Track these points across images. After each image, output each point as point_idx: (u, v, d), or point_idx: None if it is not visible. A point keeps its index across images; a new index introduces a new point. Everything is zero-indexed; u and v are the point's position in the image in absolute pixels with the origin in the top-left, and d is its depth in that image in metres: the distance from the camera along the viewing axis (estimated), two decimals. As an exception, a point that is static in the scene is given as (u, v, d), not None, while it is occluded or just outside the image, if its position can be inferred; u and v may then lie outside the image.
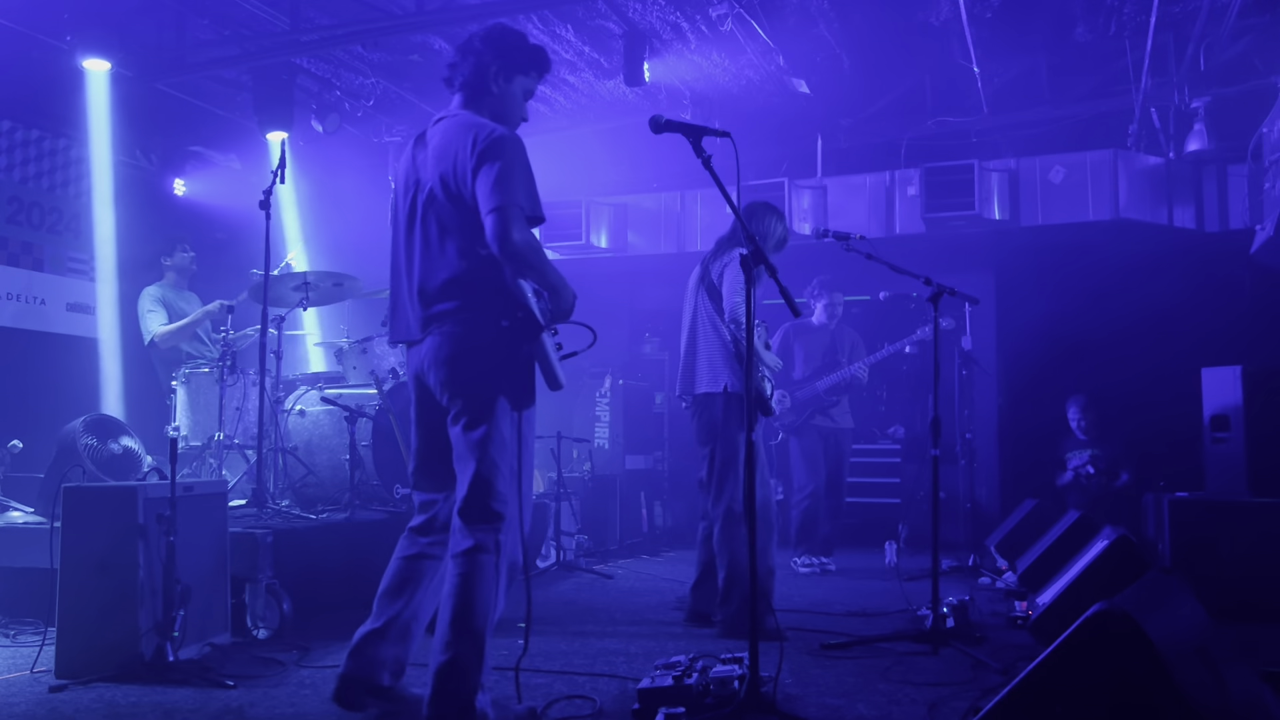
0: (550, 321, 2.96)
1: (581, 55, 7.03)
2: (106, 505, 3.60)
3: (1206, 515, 4.84)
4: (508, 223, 2.75)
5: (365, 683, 2.93)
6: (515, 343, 2.86)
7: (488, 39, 3.02)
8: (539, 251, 2.84)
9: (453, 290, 2.88)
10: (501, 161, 2.80)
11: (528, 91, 3.09)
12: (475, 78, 3.02)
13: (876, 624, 4.55)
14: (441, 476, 3.01)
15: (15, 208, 6.40)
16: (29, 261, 6.49)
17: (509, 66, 3.02)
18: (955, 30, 6.56)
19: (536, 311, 2.85)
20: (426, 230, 2.93)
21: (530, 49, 3.07)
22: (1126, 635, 1.92)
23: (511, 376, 2.87)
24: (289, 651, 3.91)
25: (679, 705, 2.89)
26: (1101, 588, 3.71)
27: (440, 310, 2.89)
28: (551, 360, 2.88)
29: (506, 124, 3.00)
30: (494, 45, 3.02)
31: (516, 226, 2.76)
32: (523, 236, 2.77)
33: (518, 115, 3.08)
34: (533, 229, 2.86)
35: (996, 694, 2.15)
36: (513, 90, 3.04)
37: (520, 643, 4.15)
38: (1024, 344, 7.89)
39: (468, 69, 3.03)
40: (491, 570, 2.82)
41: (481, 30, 3.05)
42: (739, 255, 4.46)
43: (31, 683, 3.47)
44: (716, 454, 4.51)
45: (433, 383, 2.93)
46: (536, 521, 6.54)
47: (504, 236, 2.75)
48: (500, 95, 3.03)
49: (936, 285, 4.30)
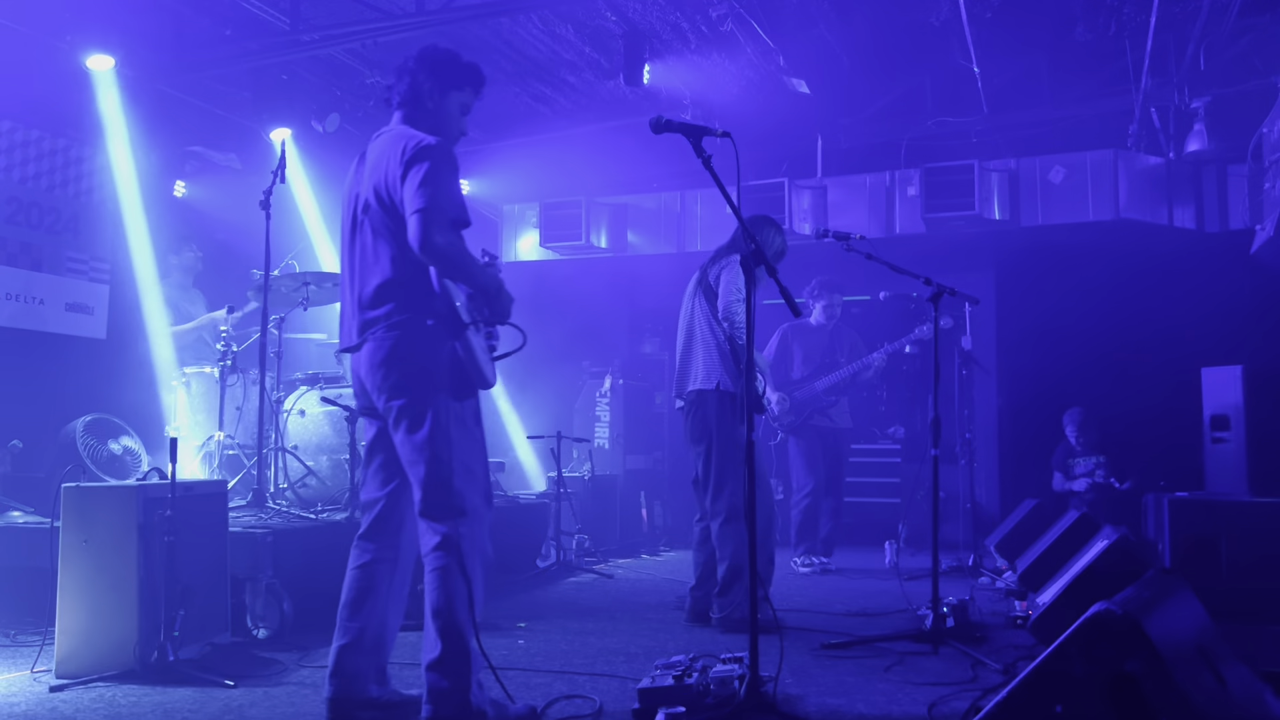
0: (488, 322, 3.07)
1: (581, 55, 7.03)
2: (106, 505, 3.60)
3: (1206, 515, 4.84)
4: (429, 225, 2.83)
5: (354, 700, 2.97)
6: (439, 340, 2.93)
7: (421, 59, 3.15)
8: (463, 253, 2.91)
9: (385, 295, 2.97)
10: (426, 166, 2.89)
11: (464, 106, 3.20)
12: (411, 95, 3.15)
13: (876, 624, 4.55)
14: (381, 478, 3.09)
15: (14, 208, 6.39)
16: (28, 261, 6.48)
17: (443, 83, 3.14)
18: (955, 30, 6.56)
19: (461, 309, 2.93)
20: (363, 240, 3.04)
21: (463, 66, 3.18)
22: (1126, 635, 1.92)
23: (442, 373, 2.93)
24: (289, 651, 3.92)
25: (679, 705, 2.89)
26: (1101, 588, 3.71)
27: (374, 315, 2.98)
28: (477, 358, 2.94)
29: (445, 137, 3.10)
30: (427, 64, 3.14)
31: (438, 229, 2.83)
32: (445, 238, 2.84)
33: (455, 129, 3.20)
34: (459, 232, 2.92)
35: (997, 694, 2.15)
36: (448, 106, 3.16)
37: (521, 642, 4.16)
38: (1024, 344, 7.90)
39: (404, 88, 3.15)
40: (458, 565, 2.87)
41: (415, 51, 3.18)
42: (738, 256, 4.49)
43: (31, 683, 3.47)
44: (712, 452, 4.51)
45: (370, 387, 3.02)
46: (537, 521, 6.55)
47: (425, 238, 2.83)
48: (435, 111, 3.15)
49: (936, 285, 4.30)
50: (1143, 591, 2.26)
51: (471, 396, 2.99)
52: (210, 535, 3.94)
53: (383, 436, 3.08)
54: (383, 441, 3.08)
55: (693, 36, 6.69)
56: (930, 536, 4.17)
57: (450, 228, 2.87)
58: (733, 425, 4.45)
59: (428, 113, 3.13)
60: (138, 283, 6.73)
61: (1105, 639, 1.95)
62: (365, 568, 3.06)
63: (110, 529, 3.57)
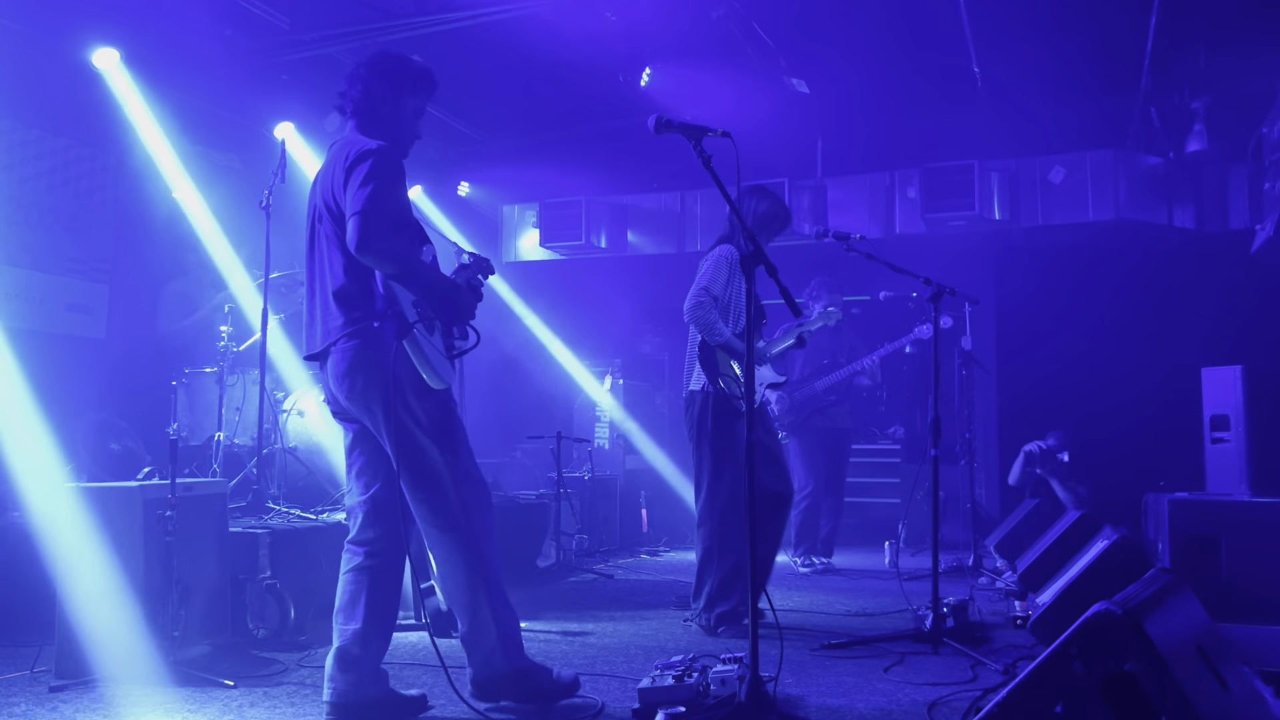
0: (444, 321, 3.08)
1: (582, 55, 7.02)
2: (107, 505, 3.60)
3: (1206, 515, 4.83)
4: (366, 227, 2.85)
5: (352, 703, 2.98)
6: (387, 341, 2.93)
7: (371, 64, 3.16)
8: (401, 254, 2.94)
9: (341, 303, 3.00)
10: (365, 169, 2.91)
11: (417, 110, 3.21)
12: (364, 103, 3.16)
13: (876, 624, 4.55)
14: (363, 482, 3.12)
15: (14, 208, 6.39)
16: (28, 261, 6.48)
17: (395, 89, 3.15)
18: (956, 30, 6.55)
19: (406, 309, 2.92)
20: (319, 250, 3.08)
21: (415, 70, 3.18)
22: (1126, 635, 1.92)
23: (397, 375, 2.94)
24: (289, 651, 3.92)
25: (679, 705, 2.89)
26: (1101, 588, 3.70)
27: (333, 325, 3.02)
28: (427, 358, 2.94)
29: (399, 143, 3.14)
30: (377, 70, 3.15)
31: (376, 232, 2.85)
32: (383, 241, 2.87)
33: (410, 133, 3.21)
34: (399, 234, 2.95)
35: (997, 694, 2.15)
36: (402, 110, 3.17)
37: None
38: (1024, 344, 7.90)
39: (356, 95, 3.16)
40: (455, 552, 3.01)
41: (366, 58, 3.19)
42: (727, 251, 4.43)
43: (31, 682, 3.47)
44: (702, 454, 4.44)
45: (340, 397, 3.05)
46: (537, 521, 6.55)
47: (362, 240, 2.85)
48: (389, 117, 3.16)
49: (936, 285, 4.30)
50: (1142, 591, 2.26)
51: (429, 395, 2.99)
52: (210, 535, 3.94)
53: (360, 440, 3.12)
54: (361, 445, 3.12)
55: (693, 37, 6.69)
56: (930, 536, 4.17)
57: (389, 230, 2.89)
58: (719, 426, 4.35)
59: (380, 119, 3.14)
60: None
61: (1105, 639, 1.95)
62: (355, 571, 3.08)
63: (111, 529, 3.57)
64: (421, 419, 2.98)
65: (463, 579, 3.03)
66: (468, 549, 3.01)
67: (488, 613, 3.02)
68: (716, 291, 4.35)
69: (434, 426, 3.00)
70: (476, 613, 3.03)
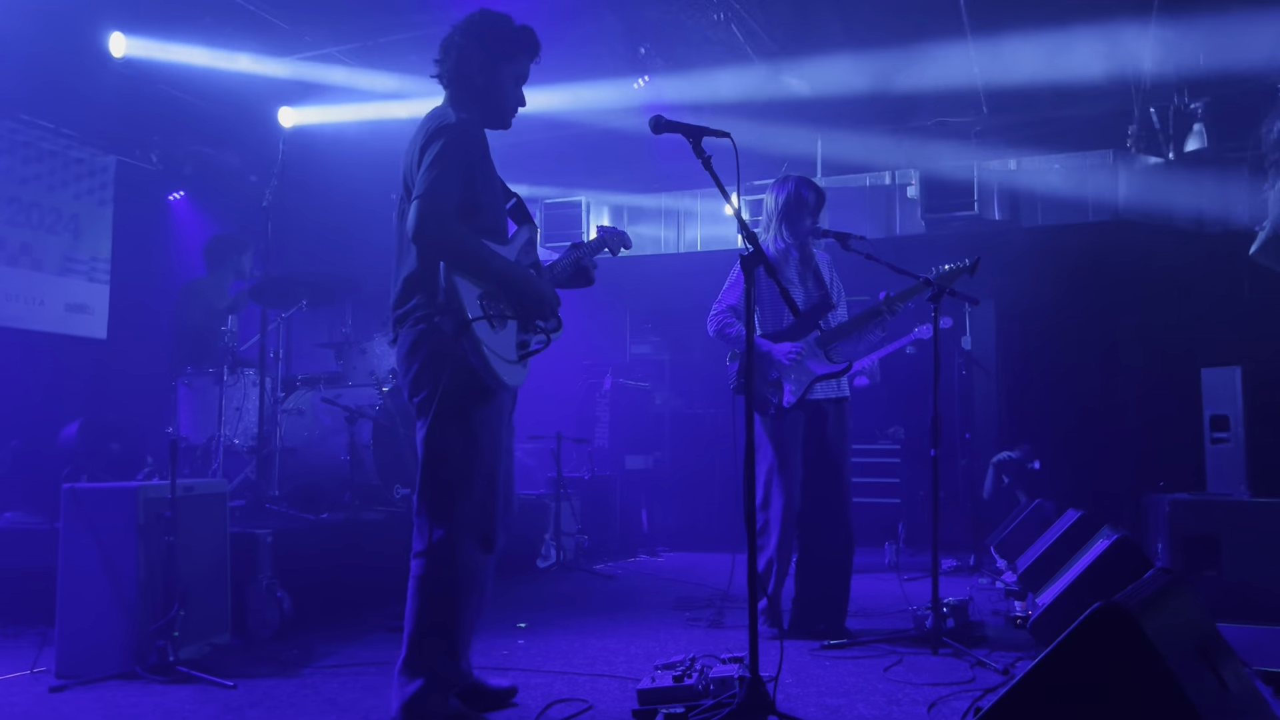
0: (521, 316, 2.90)
1: (581, 54, 7.02)
2: (106, 505, 3.60)
3: (1206, 515, 4.84)
4: (423, 214, 2.69)
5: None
6: (445, 339, 2.76)
7: (466, 30, 2.96)
8: (459, 245, 2.74)
9: (410, 289, 2.86)
10: (437, 148, 2.74)
11: (518, 76, 3.01)
12: (457, 72, 2.97)
13: (876, 624, 4.55)
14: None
15: (15, 208, 6.40)
16: (28, 261, 6.48)
17: (492, 54, 2.95)
18: (956, 30, 6.55)
19: (469, 303, 2.73)
20: (400, 229, 2.92)
21: (512, 35, 2.97)
22: (1126, 635, 1.92)
23: (447, 375, 2.77)
24: (289, 651, 3.91)
25: (679, 705, 2.89)
26: (1101, 588, 3.71)
27: (401, 312, 2.90)
28: (486, 357, 2.73)
29: (498, 114, 2.97)
30: (472, 36, 2.95)
31: (433, 218, 2.69)
32: (438, 228, 2.70)
33: (510, 103, 3.01)
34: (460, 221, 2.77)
35: (996, 694, 2.15)
36: (499, 78, 2.97)
37: (521, 642, 4.16)
38: (1024, 344, 7.89)
39: (450, 64, 2.98)
40: (433, 573, 2.81)
41: (461, 21, 2.97)
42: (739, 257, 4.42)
43: (31, 683, 3.47)
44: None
45: (400, 378, 2.95)
46: (537, 521, 6.54)
47: (418, 228, 2.70)
48: (485, 87, 2.97)
49: (937, 285, 4.29)
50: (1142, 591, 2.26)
51: (479, 399, 2.81)
52: (210, 535, 3.94)
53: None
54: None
55: (693, 36, 6.69)
56: (930, 536, 4.17)
57: (447, 219, 2.72)
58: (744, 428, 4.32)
59: (477, 90, 2.95)
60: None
61: (1105, 639, 1.95)
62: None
63: (110, 529, 3.57)
64: (454, 425, 2.78)
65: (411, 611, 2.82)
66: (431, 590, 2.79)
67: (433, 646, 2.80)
68: (731, 301, 4.38)
69: (464, 440, 2.79)
70: (406, 656, 2.81)
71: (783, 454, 4.26)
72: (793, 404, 4.24)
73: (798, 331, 4.33)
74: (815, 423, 4.35)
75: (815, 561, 4.33)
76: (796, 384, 4.27)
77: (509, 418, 3.05)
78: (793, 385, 4.25)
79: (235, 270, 6.18)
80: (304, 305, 5.78)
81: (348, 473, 5.29)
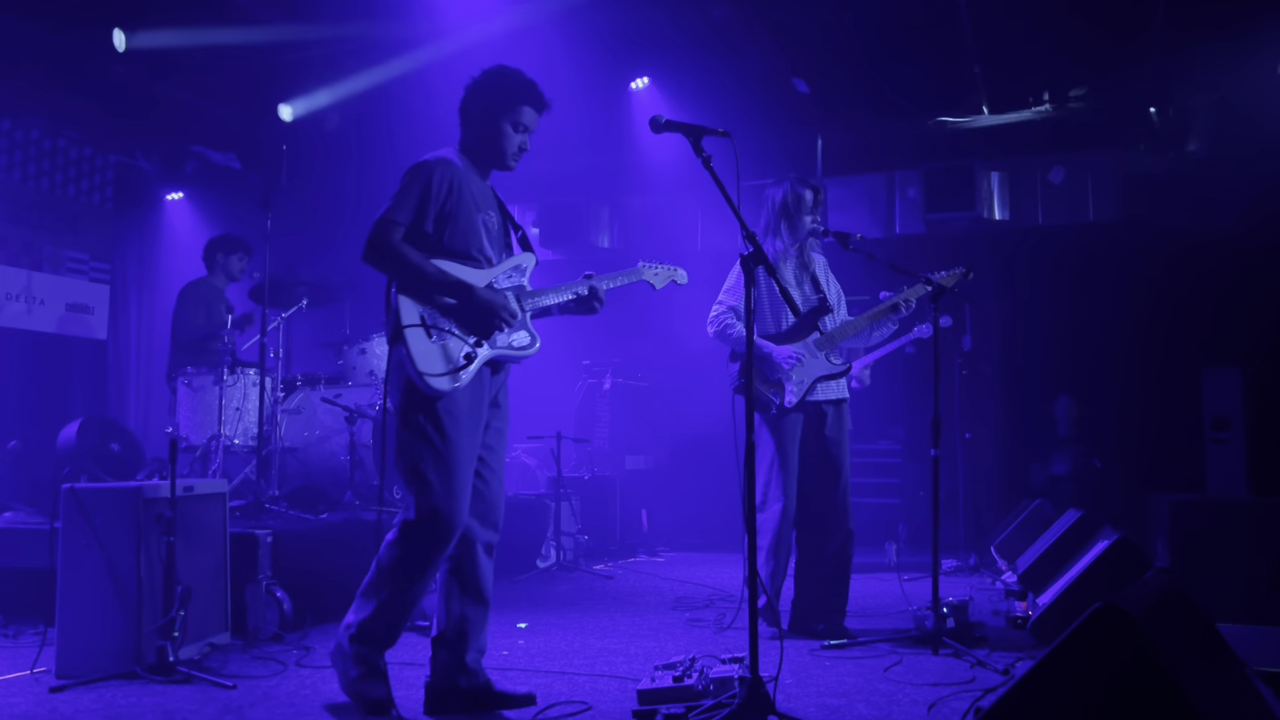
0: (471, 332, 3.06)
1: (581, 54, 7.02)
2: (106, 505, 3.60)
3: (1206, 515, 4.84)
4: (369, 235, 2.97)
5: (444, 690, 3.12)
6: (389, 346, 3.05)
7: (473, 82, 3.21)
8: (401, 260, 2.97)
9: (384, 305, 3.11)
10: (403, 181, 3.03)
11: (517, 125, 3.19)
12: (461, 118, 3.23)
13: (876, 624, 4.55)
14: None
15: (15, 208, 6.40)
16: (28, 261, 6.48)
17: (492, 106, 3.17)
18: (956, 29, 6.55)
19: (403, 315, 2.98)
20: None
21: (511, 87, 3.18)
22: (1126, 635, 1.92)
23: (397, 378, 3.03)
24: (289, 651, 3.91)
25: (679, 705, 2.89)
26: (1101, 588, 3.71)
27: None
28: (416, 363, 2.95)
29: (497, 157, 3.20)
30: (477, 87, 3.19)
31: (374, 237, 2.96)
32: (374, 247, 2.95)
33: (507, 147, 3.20)
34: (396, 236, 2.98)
35: (996, 694, 2.15)
36: (496, 128, 3.17)
37: (521, 642, 4.16)
38: (1024, 344, 7.89)
39: (461, 110, 3.23)
40: (393, 557, 3.02)
41: (479, 72, 3.22)
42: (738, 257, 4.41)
43: (31, 683, 3.47)
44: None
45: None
46: (536, 521, 6.55)
47: (363, 247, 2.98)
48: (483, 133, 3.19)
49: (937, 285, 4.29)
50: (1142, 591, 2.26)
51: (421, 403, 3.00)
52: (210, 535, 3.94)
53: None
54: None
55: (693, 36, 6.69)
56: (931, 536, 4.17)
57: (390, 238, 2.97)
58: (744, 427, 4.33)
59: (476, 135, 3.20)
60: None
61: (1105, 639, 1.95)
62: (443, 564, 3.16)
63: (110, 529, 3.57)
64: (404, 425, 3.02)
65: (365, 586, 3.08)
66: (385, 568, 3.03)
67: (345, 638, 3.07)
68: (732, 302, 4.37)
69: (415, 440, 3.00)
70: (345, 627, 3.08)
71: (783, 454, 4.27)
72: (793, 404, 4.26)
73: (798, 333, 4.33)
74: (815, 423, 4.36)
75: (814, 562, 4.34)
76: (797, 385, 4.27)
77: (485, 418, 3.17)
78: (793, 386, 4.26)
79: (229, 273, 6.19)
80: (304, 305, 5.78)
81: (348, 473, 5.29)
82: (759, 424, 4.29)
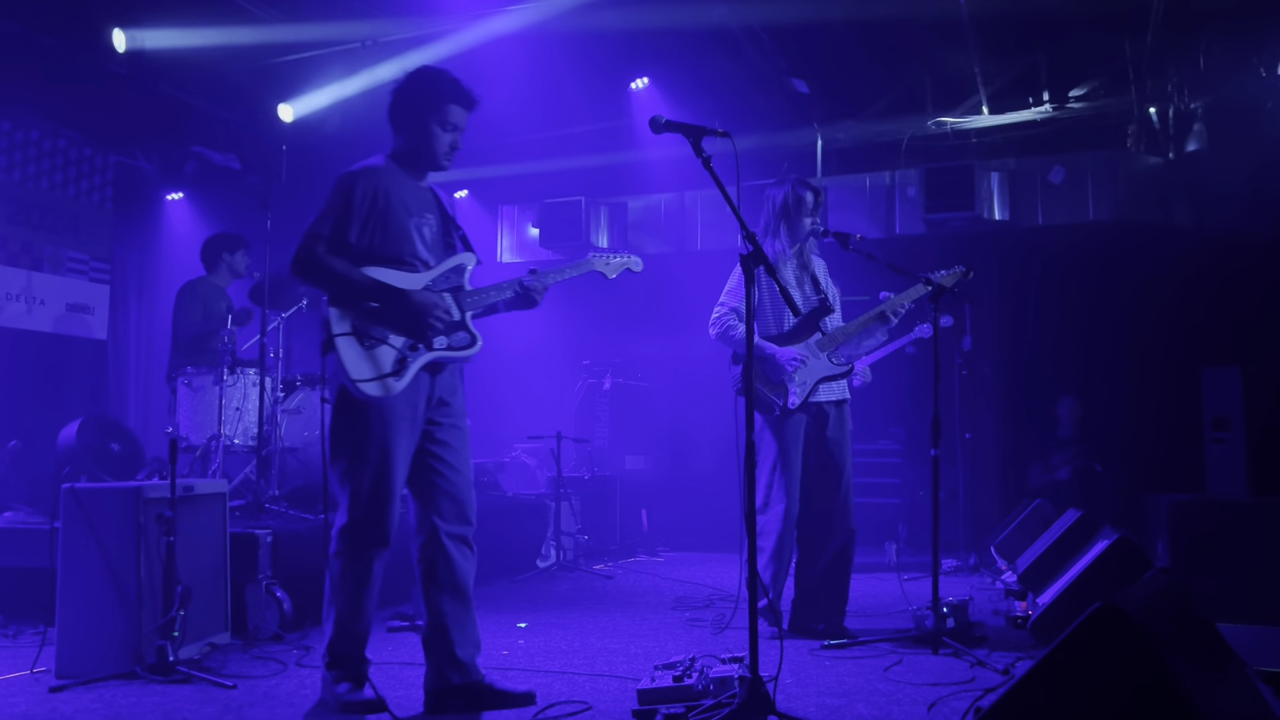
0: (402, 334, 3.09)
1: (581, 55, 7.02)
2: (106, 505, 3.60)
3: (1206, 515, 4.84)
4: (296, 250, 3.04)
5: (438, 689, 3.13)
6: (321, 355, 3.08)
7: (398, 85, 3.22)
8: (325, 271, 3.03)
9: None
10: (328, 194, 3.08)
11: (445, 124, 3.19)
12: (393, 122, 3.24)
13: (876, 624, 4.55)
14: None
15: (15, 208, 6.40)
16: (28, 261, 6.48)
17: (418, 107, 3.18)
18: (956, 29, 6.56)
19: (333, 323, 3.02)
20: None
21: (435, 87, 3.18)
22: (1126, 635, 1.92)
23: (333, 386, 3.09)
24: (289, 651, 3.91)
25: (679, 705, 2.89)
26: (1101, 588, 3.71)
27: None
28: (348, 370, 2.99)
29: (427, 157, 3.21)
30: (401, 91, 3.20)
31: (300, 251, 3.03)
32: (299, 261, 3.02)
33: (437, 147, 3.20)
34: (320, 249, 3.03)
35: (996, 694, 2.15)
36: (425, 129, 3.18)
37: (521, 642, 4.16)
38: (1024, 344, 7.89)
39: (390, 115, 3.24)
40: (337, 568, 3.10)
41: (401, 77, 3.23)
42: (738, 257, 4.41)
43: (31, 683, 3.47)
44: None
45: None
46: (537, 521, 6.54)
47: (291, 263, 3.05)
48: (412, 136, 3.20)
49: (937, 285, 4.29)
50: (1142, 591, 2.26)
51: (354, 409, 3.03)
52: (210, 535, 3.94)
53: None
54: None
55: (693, 36, 6.69)
56: (931, 536, 4.17)
57: (313, 250, 3.02)
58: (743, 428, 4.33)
59: (406, 138, 3.22)
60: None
61: (1105, 639, 1.95)
62: (418, 564, 3.19)
63: (110, 529, 3.57)
64: (335, 427, 3.08)
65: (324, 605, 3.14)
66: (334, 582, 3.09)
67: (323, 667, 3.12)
68: (734, 304, 4.37)
69: (342, 444, 3.07)
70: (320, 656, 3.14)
71: (786, 456, 4.27)
72: (797, 406, 4.25)
73: (799, 333, 4.33)
74: (817, 424, 4.36)
75: (815, 561, 4.34)
76: (800, 386, 4.27)
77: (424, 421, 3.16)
78: (796, 387, 4.26)
79: (234, 270, 6.17)
80: (304, 305, 5.78)
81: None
82: (762, 426, 4.29)
